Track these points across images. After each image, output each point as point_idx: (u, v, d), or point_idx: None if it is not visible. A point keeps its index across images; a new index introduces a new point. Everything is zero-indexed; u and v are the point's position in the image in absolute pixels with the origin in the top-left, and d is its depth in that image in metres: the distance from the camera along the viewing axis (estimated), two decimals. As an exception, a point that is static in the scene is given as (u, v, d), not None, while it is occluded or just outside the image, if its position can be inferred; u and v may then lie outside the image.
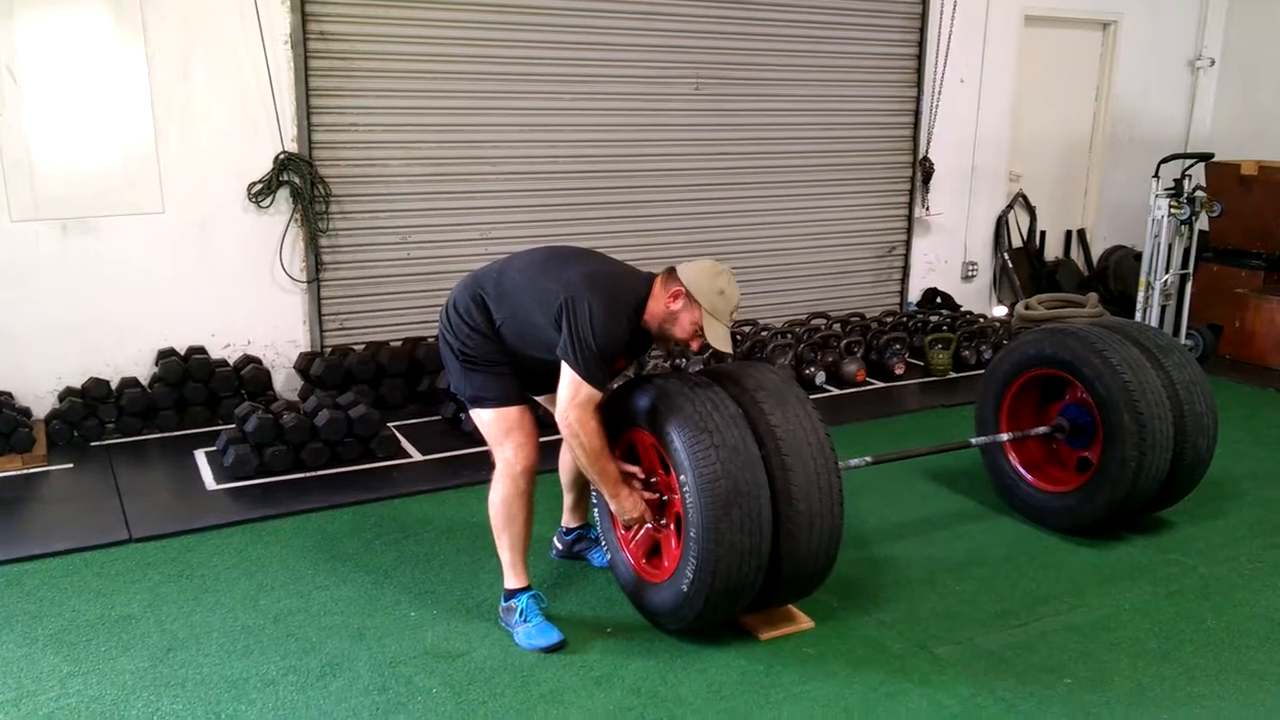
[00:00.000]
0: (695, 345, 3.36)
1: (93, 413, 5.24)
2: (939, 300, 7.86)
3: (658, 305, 3.30)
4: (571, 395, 3.18)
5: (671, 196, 6.81)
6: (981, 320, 7.32)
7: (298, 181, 5.63)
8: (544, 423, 3.54)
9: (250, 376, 5.54)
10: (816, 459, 3.18)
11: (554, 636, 3.36)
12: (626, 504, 3.33)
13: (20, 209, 5.14)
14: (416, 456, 5.14)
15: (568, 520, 3.97)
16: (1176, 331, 6.87)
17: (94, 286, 5.36)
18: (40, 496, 4.65)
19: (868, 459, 3.93)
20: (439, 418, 5.58)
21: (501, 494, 3.41)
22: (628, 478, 3.38)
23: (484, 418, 3.42)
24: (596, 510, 3.65)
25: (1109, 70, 8.61)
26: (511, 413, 3.38)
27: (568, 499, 3.92)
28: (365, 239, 5.96)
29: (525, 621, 3.39)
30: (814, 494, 3.15)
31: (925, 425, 5.82)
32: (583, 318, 3.15)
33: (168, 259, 5.50)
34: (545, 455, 3.52)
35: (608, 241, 6.16)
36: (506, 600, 3.46)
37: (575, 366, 3.16)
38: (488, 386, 3.39)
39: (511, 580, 3.46)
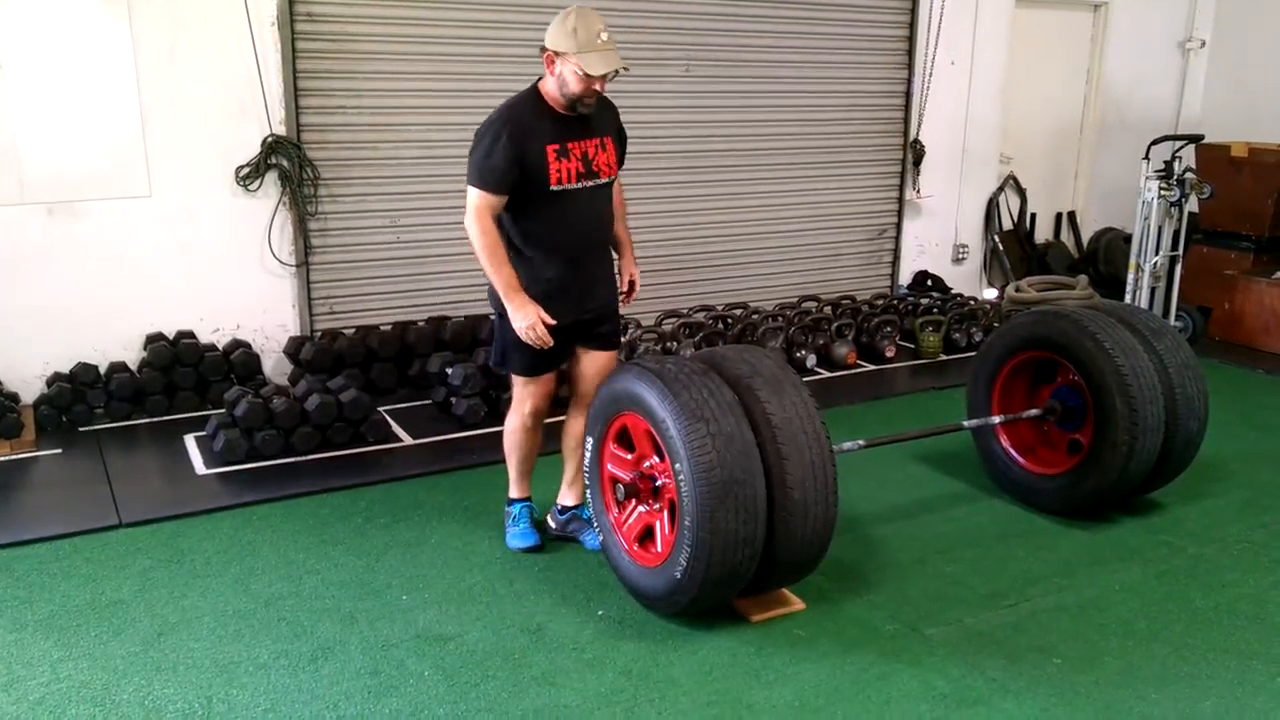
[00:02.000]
0: (599, 86, 3.44)
1: (81, 398, 5.22)
2: (930, 283, 7.87)
3: (548, 81, 3.49)
4: (468, 205, 3.48)
5: (660, 179, 6.78)
6: (972, 302, 7.34)
7: (286, 165, 5.59)
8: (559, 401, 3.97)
9: (239, 361, 5.52)
10: (812, 447, 3.18)
11: (531, 540, 3.90)
12: (519, 311, 3.43)
13: (5, 193, 5.09)
14: (407, 440, 5.13)
15: (563, 497, 3.99)
16: (1166, 313, 6.89)
17: (81, 271, 5.32)
18: (29, 482, 4.63)
19: (860, 442, 3.94)
20: (429, 402, 5.57)
21: (513, 424, 3.85)
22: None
23: (517, 379, 3.78)
24: (589, 492, 3.65)
25: (1099, 52, 8.60)
26: (541, 378, 3.73)
27: (568, 471, 3.97)
28: (355, 222, 5.92)
29: (515, 525, 3.95)
30: (809, 481, 3.15)
31: (916, 408, 5.83)
32: (475, 138, 3.48)
33: (155, 243, 5.46)
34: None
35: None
36: (507, 506, 4.00)
37: (468, 179, 3.48)
38: (524, 352, 3.62)
39: (513, 491, 3.98)
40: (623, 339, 4.13)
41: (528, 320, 3.44)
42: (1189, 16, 8.91)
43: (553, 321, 3.48)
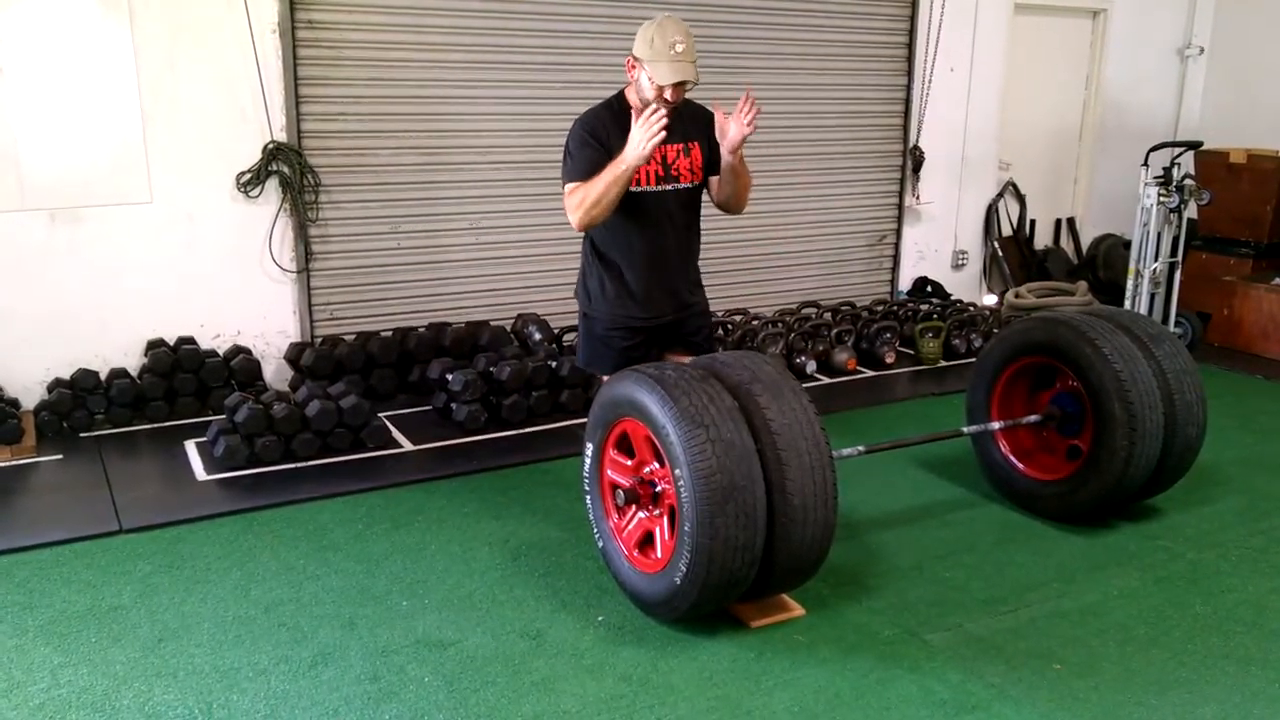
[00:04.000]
0: (670, 95, 3.47)
1: (82, 404, 5.22)
2: (929, 289, 7.87)
3: (630, 86, 3.58)
4: (568, 205, 3.52)
5: (662, 185, 6.79)
6: (972, 309, 7.34)
7: (287, 171, 5.61)
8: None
9: (240, 367, 5.53)
10: (811, 453, 3.18)
11: None
12: (636, 150, 3.32)
13: (7, 199, 5.11)
14: (407, 446, 5.13)
15: None
16: (1165, 319, 6.90)
17: (82, 277, 5.33)
18: (29, 488, 4.63)
19: (860, 448, 3.94)
20: (430, 408, 5.57)
21: None
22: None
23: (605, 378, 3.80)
24: (589, 498, 3.65)
25: (1099, 59, 8.62)
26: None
27: None
28: (355, 229, 5.93)
29: None
30: (808, 487, 3.16)
31: (916, 414, 5.84)
32: (565, 142, 3.58)
33: (156, 249, 5.47)
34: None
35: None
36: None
37: (563, 181, 3.56)
38: (608, 351, 3.76)
39: None
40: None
41: (643, 135, 3.30)
42: (1188, 23, 8.93)
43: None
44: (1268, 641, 3.40)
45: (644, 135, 3.31)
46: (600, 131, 3.53)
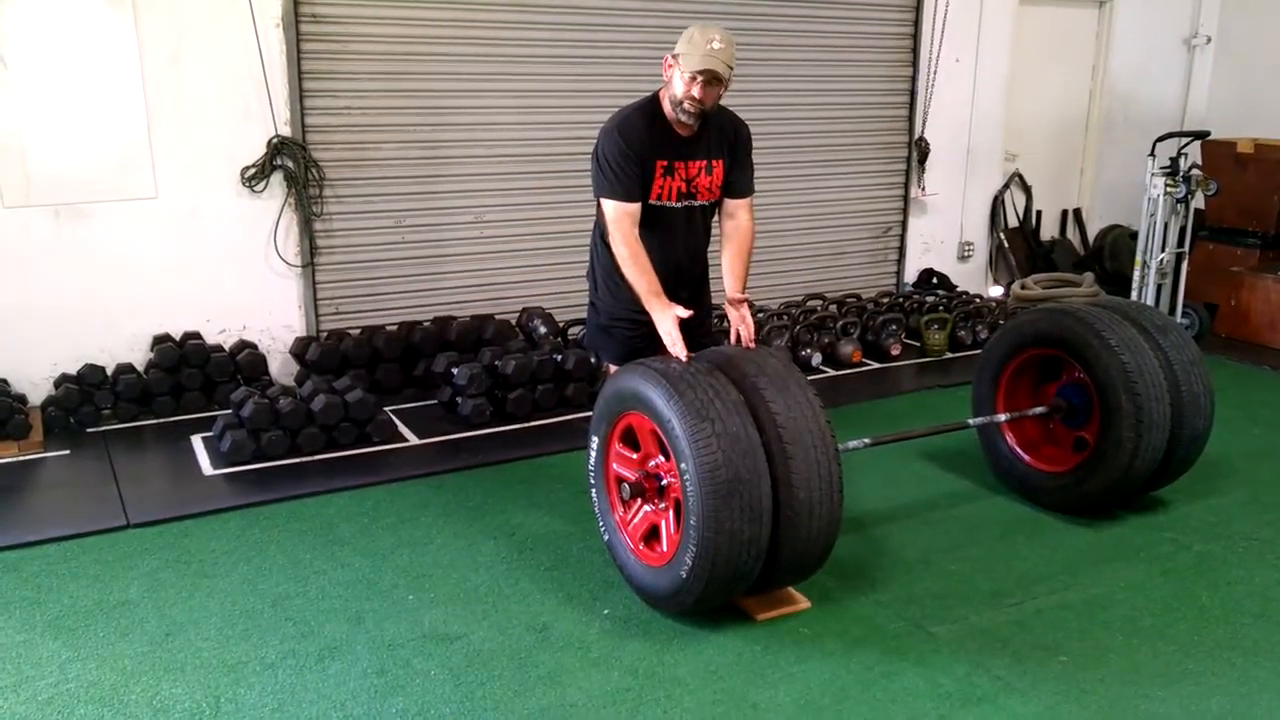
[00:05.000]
0: (698, 93, 3.46)
1: (89, 399, 5.23)
2: (935, 281, 7.85)
3: (665, 87, 3.57)
4: (607, 218, 3.55)
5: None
6: (978, 300, 7.32)
7: (291, 165, 5.61)
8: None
9: (246, 362, 5.53)
10: (817, 446, 3.18)
11: None
12: (659, 315, 3.44)
13: (12, 195, 5.12)
14: (413, 440, 5.14)
15: None
16: (1172, 310, 6.88)
17: (88, 273, 5.34)
18: (37, 483, 4.65)
19: (866, 441, 3.94)
20: (435, 402, 5.57)
21: None
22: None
23: (611, 367, 3.88)
24: (594, 492, 3.66)
25: (1105, 49, 8.58)
26: None
27: None
28: (360, 223, 5.93)
29: None
30: (814, 481, 3.16)
31: (921, 406, 5.83)
32: (595, 150, 3.56)
33: (161, 244, 5.48)
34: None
35: (603, 224, 6.13)
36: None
37: (597, 192, 3.57)
38: (615, 343, 3.80)
39: None
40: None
41: (664, 326, 3.42)
42: (1194, 13, 8.88)
43: (687, 314, 3.45)
44: (1275, 633, 3.40)
45: (669, 346, 3.40)
46: (635, 141, 3.50)
